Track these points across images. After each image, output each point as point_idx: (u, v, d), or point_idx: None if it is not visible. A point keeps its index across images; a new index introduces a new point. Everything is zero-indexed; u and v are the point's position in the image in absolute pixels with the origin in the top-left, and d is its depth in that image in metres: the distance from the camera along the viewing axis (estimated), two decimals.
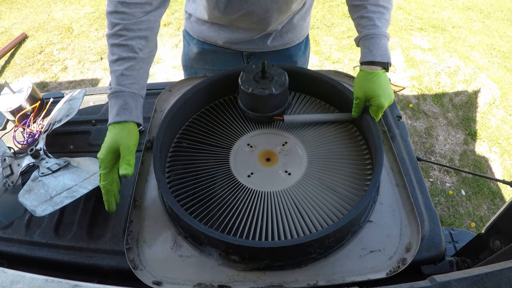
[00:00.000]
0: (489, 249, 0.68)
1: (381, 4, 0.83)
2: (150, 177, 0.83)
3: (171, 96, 1.02)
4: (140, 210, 0.77)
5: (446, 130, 2.48)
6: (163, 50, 3.16)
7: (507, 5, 3.77)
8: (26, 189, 0.76)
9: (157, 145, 0.77)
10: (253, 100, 0.85)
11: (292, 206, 0.74)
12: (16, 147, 0.97)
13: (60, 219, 0.81)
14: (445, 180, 2.19)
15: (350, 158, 0.84)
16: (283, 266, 0.67)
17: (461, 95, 2.70)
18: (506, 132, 2.45)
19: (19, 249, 0.77)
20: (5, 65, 3.14)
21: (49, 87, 2.90)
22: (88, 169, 0.82)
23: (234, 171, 0.81)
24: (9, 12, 3.89)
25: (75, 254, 0.75)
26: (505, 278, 0.41)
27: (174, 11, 3.63)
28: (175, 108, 0.85)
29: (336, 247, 0.70)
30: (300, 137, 0.88)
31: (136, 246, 0.71)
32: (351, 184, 0.78)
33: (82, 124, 1.04)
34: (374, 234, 0.72)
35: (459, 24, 3.45)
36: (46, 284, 0.42)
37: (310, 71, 0.93)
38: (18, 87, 1.06)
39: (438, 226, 0.75)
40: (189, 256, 0.69)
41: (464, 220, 1.99)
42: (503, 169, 2.25)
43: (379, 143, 0.75)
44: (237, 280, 0.66)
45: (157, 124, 0.93)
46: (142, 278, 0.65)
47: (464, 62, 2.95)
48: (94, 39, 3.35)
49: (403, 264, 0.66)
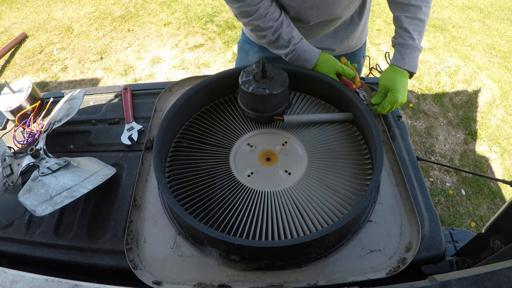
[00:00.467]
0: (489, 248, 0.68)
1: (418, 17, 0.90)
2: (150, 176, 0.83)
3: (171, 96, 1.02)
4: (140, 210, 0.77)
5: (446, 129, 2.48)
6: (163, 50, 3.16)
7: (507, 4, 3.77)
8: (26, 189, 0.76)
9: (157, 145, 0.77)
10: (253, 99, 0.85)
11: (292, 206, 0.74)
12: (16, 146, 0.97)
13: (60, 219, 0.81)
14: (445, 180, 2.19)
15: (350, 157, 0.84)
16: (283, 266, 0.67)
17: (461, 95, 2.70)
18: (506, 132, 2.44)
19: (19, 249, 0.77)
20: (5, 65, 3.14)
21: (49, 87, 2.90)
22: (88, 169, 0.82)
23: (234, 170, 0.81)
24: (9, 12, 3.89)
25: (75, 254, 0.75)
26: (505, 278, 0.41)
27: (174, 11, 3.63)
28: (175, 108, 0.85)
29: (336, 247, 0.70)
30: (300, 137, 0.88)
31: (136, 246, 0.71)
32: (351, 183, 0.78)
33: (82, 123, 1.04)
34: (374, 234, 0.72)
35: (459, 24, 3.45)
36: (46, 284, 0.42)
37: (310, 71, 0.93)
38: (18, 86, 1.06)
39: (438, 226, 0.75)
40: (189, 256, 0.70)
41: (464, 220, 1.99)
42: (503, 169, 2.25)
43: (379, 143, 0.75)
44: (237, 280, 0.66)
45: (157, 124, 0.93)
46: (142, 278, 0.65)
47: (464, 62, 2.95)
48: (94, 39, 3.35)
49: (403, 263, 0.66)
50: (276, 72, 0.86)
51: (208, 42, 3.22)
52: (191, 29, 3.39)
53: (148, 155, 0.87)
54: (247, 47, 1.19)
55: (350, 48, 1.17)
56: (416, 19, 0.90)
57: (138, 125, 0.99)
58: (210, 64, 3.01)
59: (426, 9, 0.90)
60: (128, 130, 0.98)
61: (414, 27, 0.90)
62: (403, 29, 0.91)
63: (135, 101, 1.07)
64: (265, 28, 0.90)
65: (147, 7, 3.74)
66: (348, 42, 1.12)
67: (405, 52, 0.90)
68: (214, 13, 3.57)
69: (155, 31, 3.39)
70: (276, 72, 0.86)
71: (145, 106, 1.06)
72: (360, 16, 1.06)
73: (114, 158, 0.93)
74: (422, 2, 0.89)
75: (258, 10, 0.87)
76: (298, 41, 0.92)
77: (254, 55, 1.18)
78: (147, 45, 3.24)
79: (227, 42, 3.19)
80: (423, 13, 0.90)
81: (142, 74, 2.94)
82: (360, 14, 1.06)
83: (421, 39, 0.92)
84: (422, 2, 0.89)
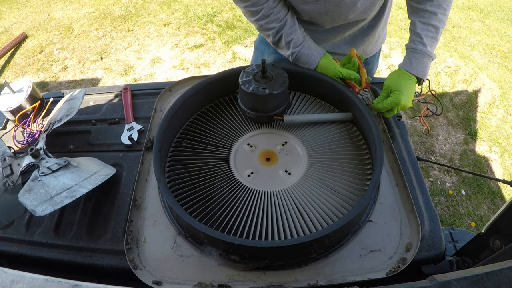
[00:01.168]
0: (489, 248, 0.68)
1: (432, 23, 0.89)
2: (150, 176, 0.83)
3: (171, 96, 1.02)
4: (140, 210, 0.77)
5: (446, 129, 2.48)
6: (163, 50, 3.16)
7: (507, 4, 3.77)
8: (26, 189, 0.76)
9: (157, 145, 0.77)
10: (253, 99, 0.85)
11: (292, 205, 0.74)
12: (16, 146, 0.97)
13: (60, 219, 0.81)
14: (445, 180, 2.19)
15: (350, 157, 0.84)
16: (283, 266, 0.67)
17: (461, 95, 2.70)
18: (506, 132, 2.44)
19: (19, 249, 0.77)
20: (5, 65, 3.14)
21: (49, 87, 2.90)
22: (88, 169, 0.82)
23: (234, 170, 0.81)
24: (9, 12, 3.89)
25: (75, 254, 0.75)
26: (505, 278, 0.41)
27: (174, 11, 3.63)
28: (175, 108, 0.85)
29: (336, 246, 0.70)
30: (300, 137, 0.88)
31: (136, 246, 0.71)
32: (351, 183, 0.78)
33: (82, 123, 1.04)
34: (374, 234, 0.72)
35: (459, 24, 3.45)
36: (46, 284, 0.42)
37: (310, 71, 0.93)
38: (18, 86, 1.06)
39: (438, 226, 0.75)
40: (189, 256, 0.69)
41: (464, 220, 1.99)
42: (503, 169, 2.25)
43: (379, 143, 0.75)
44: (237, 280, 0.66)
45: (157, 124, 0.93)
46: (142, 278, 0.65)
47: (464, 62, 2.95)
48: (94, 39, 3.35)
49: (403, 263, 0.66)
50: (276, 72, 0.86)
51: (208, 42, 3.22)
52: (191, 29, 3.39)
53: (148, 155, 0.87)
54: (263, 47, 1.19)
55: (365, 54, 1.16)
56: (429, 25, 0.88)
57: (138, 125, 0.99)
58: (210, 64, 3.01)
59: (442, 16, 0.89)
60: (128, 130, 0.98)
61: (427, 32, 0.89)
62: (416, 33, 0.90)
63: (135, 101, 1.07)
64: (268, 28, 0.90)
65: (147, 7, 3.74)
66: (364, 47, 1.11)
67: (414, 57, 0.89)
68: (214, 13, 3.57)
69: (155, 31, 3.39)
70: (276, 72, 0.86)
71: (145, 106, 1.06)
72: (378, 21, 1.04)
73: (114, 158, 0.93)
74: (438, 9, 0.87)
75: (262, 10, 0.87)
76: (298, 44, 0.91)
77: (270, 56, 1.18)
78: (147, 45, 3.24)
79: (227, 42, 3.19)
80: (438, 20, 0.88)
81: (142, 74, 2.94)
82: (378, 19, 1.04)
83: (434, 46, 0.90)
84: (438, 8, 0.87)
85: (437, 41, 0.91)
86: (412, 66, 0.89)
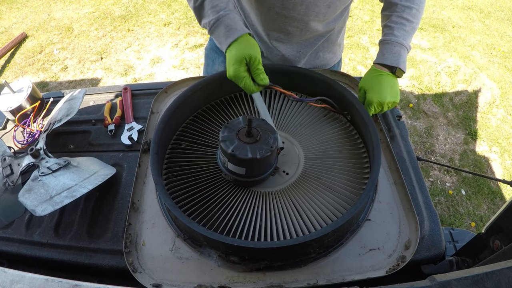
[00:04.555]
0: (489, 248, 0.68)
1: (404, 16, 0.87)
2: (148, 179, 0.83)
3: (167, 98, 1.01)
4: (138, 213, 0.77)
5: (446, 129, 2.48)
6: (163, 50, 3.16)
7: (507, 4, 3.77)
8: (26, 189, 0.76)
9: (154, 147, 0.76)
10: (233, 161, 0.71)
11: (290, 205, 0.74)
12: (16, 146, 0.97)
13: (60, 219, 0.81)
14: (445, 180, 2.19)
15: (347, 156, 0.84)
16: (282, 266, 0.67)
17: (461, 95, 2.70)
18: (506, 132, 2.44)
19: (19, 249, 0.77)
20: (5, 65, 3.14)
21: (49, 87, 2.90)
22: (88, 168, 0.82)
23: None
24: (9, 12, 3.89)
25: (75, 253, 0.75)
26: (505, 278, 0.41)
27: (174, 11, 3.63)
28: (172, 109, 0.84)
29: (335, 246, 0.70)
30: (297, 137, 0.88)
31: (135, 249, 0.71)
32: (349, 182, 0.78)
33: (82, 123, 1.04)
34: (373, 233, 0.72)
35: (459, 24, 3.44)
36: (46, 284, 0.42)
37: (307, 70, 0.93)
38: (18, 86, 1.06)
39: (438, 226, 0.75)
40: (188, 258, 0.69)
41: (464, 220, 1.99)
42: (503, 169, 2.25)
43: (376, 142, 0.75)
44: (237, 281, 0.66)
45: (153, 126, 0.93)
46: (142, 281, 0.65)
47: (464, 62, 2.95)
48: (94, 39, 3.35)
49: (403, 261, 0.66)
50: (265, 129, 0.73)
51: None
52: (191, 29, 3.39)
53: (145, 157, 0.87)
54: (214, 56, 1.14)
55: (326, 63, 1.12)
56: (402, 18, 0.87)
57: (138, 125, 0.99)
58: None
59: (416, 11, 0.87)
60: (128, 130, 0.98)
61: (399, 25, 0.86)
62: (387, 27, 0.88)
63: (135, 101, 1.07)
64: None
65: (147, 7, 3.74)
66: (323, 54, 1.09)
67: (384, 48, 0.87)
68: None
69: (155, 31, 3.39)
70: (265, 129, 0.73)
71: (145, 106, 1.06)
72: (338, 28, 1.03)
73: (114, 158, 0.93)
74: (411, 3, 0.87)
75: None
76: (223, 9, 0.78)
77: (221, 65, 1.12)
78: (147, 45, 3.24)
79: None
80: (412, 15, 0.87)
81: (142, 74, 2.94)
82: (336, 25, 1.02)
83: (406, 37, 0.87)
84: (412, 3, 0.87)
85: (410, 35, 0.88)
86: (384, 57, 0.86)
